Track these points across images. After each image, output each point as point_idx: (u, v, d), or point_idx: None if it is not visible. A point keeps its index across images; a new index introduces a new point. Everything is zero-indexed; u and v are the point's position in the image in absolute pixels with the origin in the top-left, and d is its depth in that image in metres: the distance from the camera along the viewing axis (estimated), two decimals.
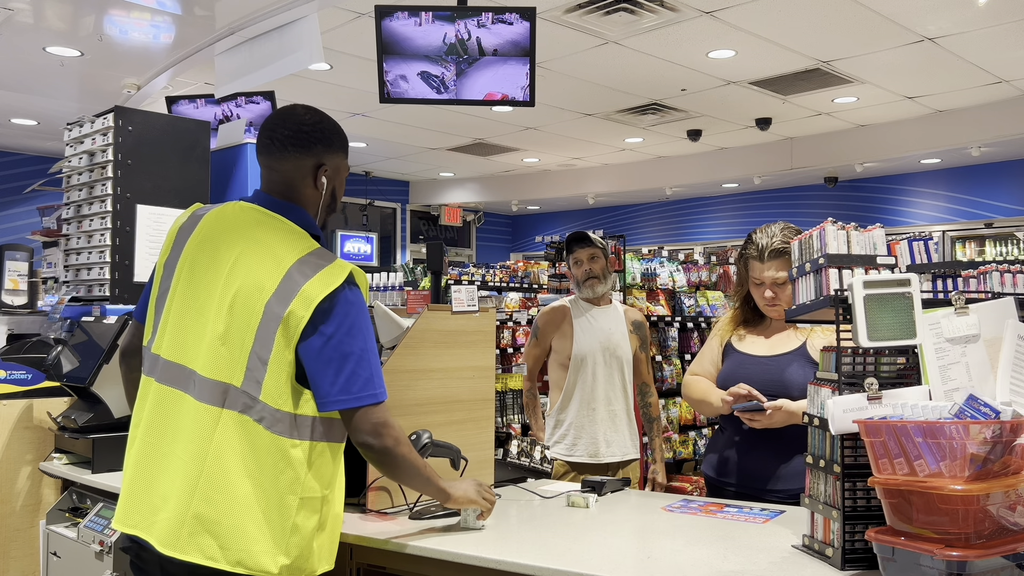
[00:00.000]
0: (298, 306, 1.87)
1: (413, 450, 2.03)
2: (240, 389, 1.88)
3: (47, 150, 9.46)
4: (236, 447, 1.87)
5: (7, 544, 3.23)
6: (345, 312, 1.90)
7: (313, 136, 2.04)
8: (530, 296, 7.54)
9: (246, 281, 1.91)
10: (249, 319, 1.89)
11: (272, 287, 1.89)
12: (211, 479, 1.86)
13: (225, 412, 1.88)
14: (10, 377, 3.32)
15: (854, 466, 1.85)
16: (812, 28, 6.23)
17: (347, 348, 1.89)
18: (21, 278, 4.30)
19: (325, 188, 2.06)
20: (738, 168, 10.70)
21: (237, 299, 1.91)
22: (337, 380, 1.88)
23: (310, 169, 2.04)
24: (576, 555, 2.03)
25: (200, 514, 1.85)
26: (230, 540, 1.84)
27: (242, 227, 2.00)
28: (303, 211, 2.04)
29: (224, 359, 1.90)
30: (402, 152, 10.91)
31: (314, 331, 1.88)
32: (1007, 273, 4.51)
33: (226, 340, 1.90)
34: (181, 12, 5.41)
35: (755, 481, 2.71)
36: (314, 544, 1.91)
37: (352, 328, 1.90)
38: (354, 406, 1.90)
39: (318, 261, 1.93)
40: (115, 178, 3.71)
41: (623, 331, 3.81)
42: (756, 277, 2.77)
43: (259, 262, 1.92)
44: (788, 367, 2.71)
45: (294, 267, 1.90)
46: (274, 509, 1.86)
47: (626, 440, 3.79)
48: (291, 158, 2.03)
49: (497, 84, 4.40)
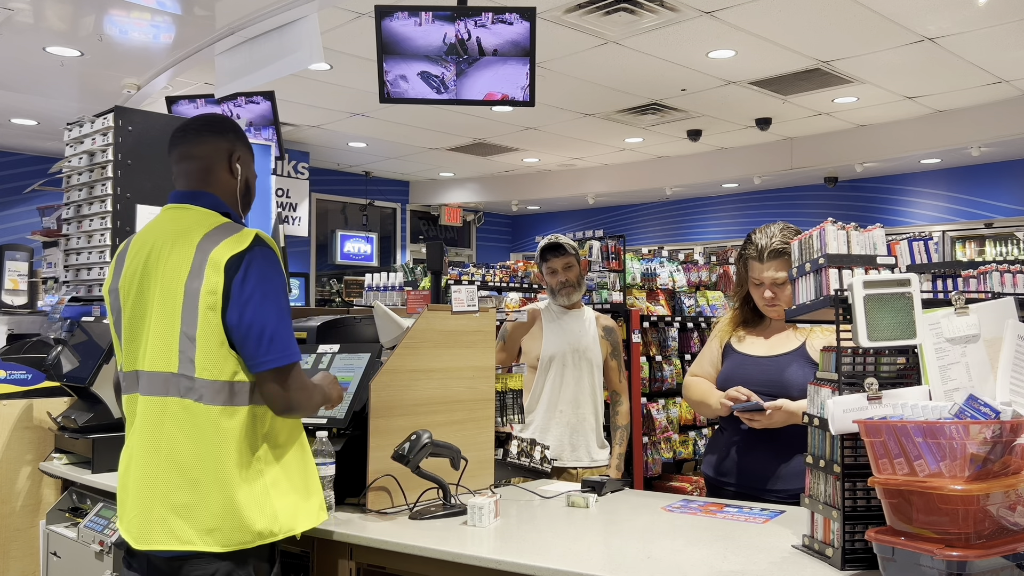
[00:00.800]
0: (211, 273, 1.96)
1: (315, 389, 2.10)
2: (178, 374, 1.97)
3: (47, 150, 9.45)
4: (185, 430, 1.95)
5: (7, 544, 3.23)
6: (260, 274, 1.98)
7: (225, 125, 2.19)
8: (530, 296, 7.53)
9: (166, 270, 2.02)
10: (173, 303, 1.99)
11: (187, 265, 1.99)
12: (169, 466, 1.94)
13: (169, 400, 1.97)
14: (10, 377, 3.32)
15: (854, 466, 1.85)
16: (812, 28, 6.23)
17: (267, 308, 1.97)
18: (21, 278, 4.30)
19: (240, 176, 2.16)
20: (738, 168, 10.69)
21: (162, 290, 2.02)
22: (261, 344, 1.96)
23: (225, 153, 2.15)
24: (576, 555, 2.03)
25: (166, 502, 1.92)
26: (201, 520, 1.91)
27: (161, 228, 2.11)
28: (212, 195, 2.13)
29: (160, 350, 2.00)
30: (402, 152, 10.90)
31: (231, 296, 1.96)
32: (1007, 273, 4.50)
33: (159, 332, 2.00)
34: (181, 12, 5.41)
35: (755, 481, 2.71)
36: (281, 503, 1.99)
37: (268, 290, 1.98)
38: (278, 366, 1.97)
39: (225, 231, 2.03)
40: (115, 178, 3.71)
41: (593, 335, 3.76)
42: (755, 277, 2.77)
43: (174, 249, 2.03)
44: (787, 367, 2.71)
45: (202, 241, 2.00)
46: (236, 481, 1.93)
47: (592, 445, 3.69)
48: (208, 141, 2.14)
49: (497, 84, 4.40)
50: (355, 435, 2.48)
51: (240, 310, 1.95)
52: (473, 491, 2.55)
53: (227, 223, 2.07)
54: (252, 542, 1.94)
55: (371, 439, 2.42)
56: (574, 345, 3.70)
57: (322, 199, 11.89)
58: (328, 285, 12.05)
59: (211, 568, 1.93)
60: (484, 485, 2.70)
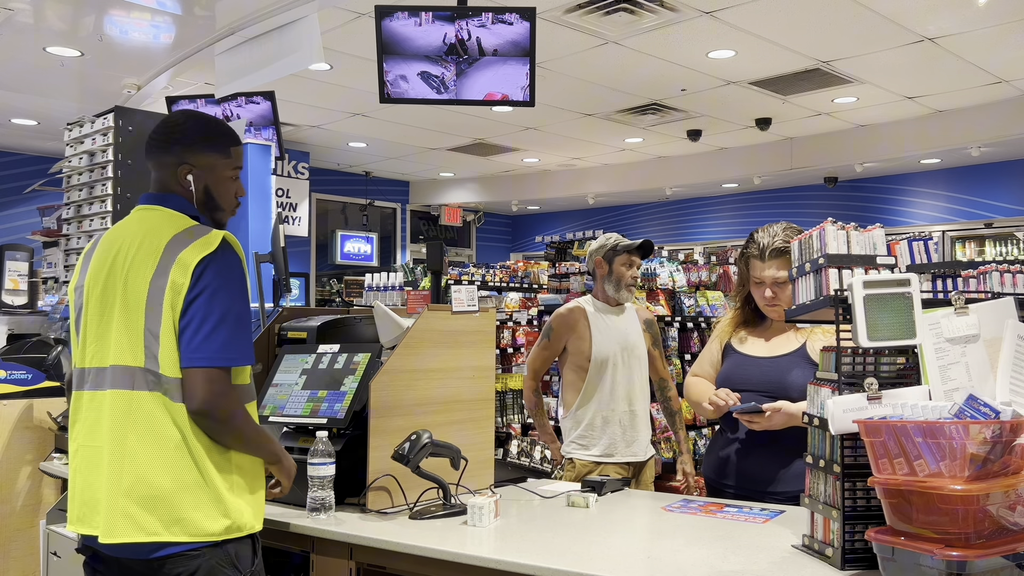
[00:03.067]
0: (177, 273, 1.95)
1: (249, 420, 2.04)
2: (144, 369, 1.97)
3: (47, 150, 9.45)
4: (152, 424, 1.95)
5: (7, 544, 3.23)
6: (216, 272, 1.97)
7: (172, 137, 2.13)
8: (530, 296, 7.54)
9: (132, 268, 2.01)
10: (138, 300, 1.99)
11: (153, 264, 1.99)
12: (134, 458, 1.94)
13: (135, 394, 1.97)
14: (10, 377, 3.32)
15: (854, 466, 1.85)
16: (812, 28, 6.23)
17: (210, 308, 1.95)
18: (21, 278, 4.30)
19: (194, 186, 2.13)
20: (738, 168, 10.69)
21: (127, 288, 2.01)
22: (195, 338, 1.94)
23: (171, 167, 2.12)
24: (576, 555, 2.03)
25: (132, 495, 1.92)
26: (167, 512, 1.92)
27: (128, 228, 2.11)
28: (180, 199, 2.13)
29: (126, 345, 1.99)
30: (402, 152, 10.90)
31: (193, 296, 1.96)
32: (1007, 273, 4.50)
33: (125, 328, 2.00)
34: (181, 12, 5.41)
35: (754, 483, 2.71)
36: (243, 501, 2.00)
37: (220, 289, 1.97)
38: (199, 365, 1.93)
39: (193, 233, 2.03)
40: (115, 178, 3.71)
41: (638, 330, 3.84)
42: (757, 276, 2.77)
43: (141, 247, 2.03)
44: (787, 368, 2.71)
45: (170, 242, 2.00)
46: (199, 475, 1.94)
47: (645, 439, 3.83)
48: (153, 157, 2.14)
49: (497, 84, 4.39)
50: (355, 435, 2.48)
51: (186, 305, 1.95)
52: (473, 491, 2.55)
53: (195, 226, 2.07)
54: (220, 535, 1.95)
55: (371, 439, 2.42)
56: (623, 344, 3.76)
57: (322, 199, 11.89)
58: (328, 285, 12.05)
59: (192, 565, 1.92)
60: (484, 485, 2.70)
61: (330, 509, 2.34)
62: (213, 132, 2.19)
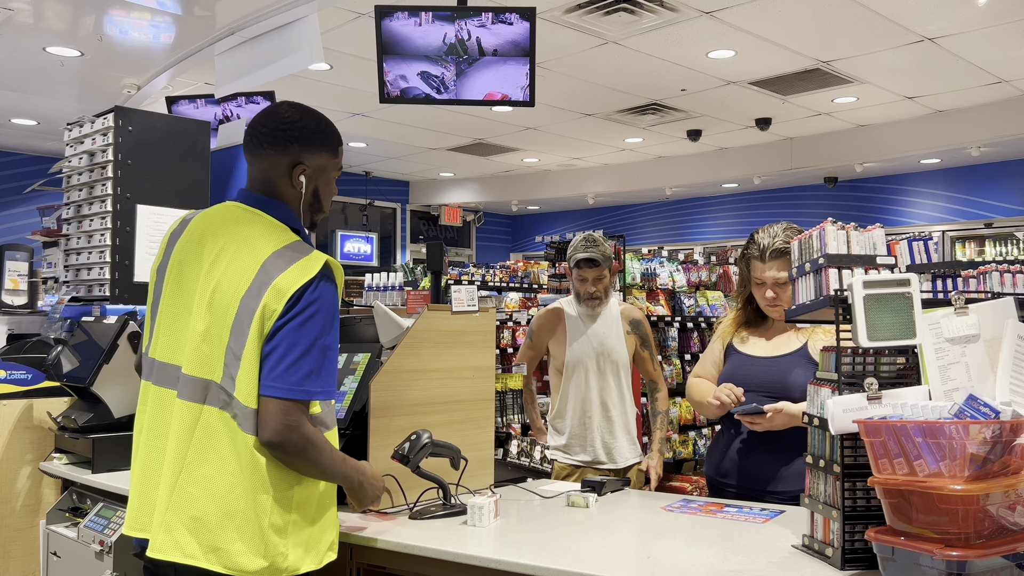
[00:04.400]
0: (271, 299, 1.85)
1: (324, 451, 1.92)
2: (219, 385, 1.87)
3: (47, 150, 9.45)
4: (215, 444, 1.86)
5: (7, 544, 3.23)
6: (310, 300, 1.86)
7: (290, 134, 2.01)
8: (530, 296, 7.54)
9: (224, 276, 1.90)
10: (226, 314, 1.88)
11: (248, 281, 1.88)
12: (190, 476, 1.86)
13: (206, 408, 1.88)
14: (10, 377, 3.32)
15: (854, 466, 1.85)
16: (812, 28, 6.23)
17: (297, 337, 1.85)
18: (21, 278, 4.30)
19: (305, 187, 2.03)
20: (738, 168, 10.69)
21: (216, 295, 1.90)
22: (277, 367, 1.84)
23: (286, 167, 2.02)
24: (576, 555, 2.03)
25: (180, 512, 1.86)
26: (208, 538, 1.84)
27: (224, 224, 2.00)
28: (284, 206, 2.03)
29: (205, 356, 1.89)
30: (402, 152, 10.90)
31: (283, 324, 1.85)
32: (1007, 273, 4.51)
33: (207, 337, 1.90)
34: (181, 12, 5.41)
35: (756, 482, 2.71)
36: (293, 542, 1.89)
37: (310, 318, 1.86)
38: (280, 396, 1.83)
39: (293, 254, 1.91)
40: (115, 178, 3.71)
41: (619, 333, 3.69)
42: (758, 277, 2.77)
43: (237, 257, 1.92)
44: (789, 368, 2.71)
45: (269, 260, 1.89)
46: (250, 508, 1.85)
47: (624, 446, 3.70)
48: (267, 156, 2.02)
49: (497, 84, 4.40)
50: (355, 435, 2.48)
51: (274, 330, 1.85)
52: (473, 491, 2.55)
53: (297, 242, 1.96)
54: (256, 574, 1.85)
55: (371, 439, 2.42)
56: (598, 349, 3.64)
57: None
58: None
59: None
60: (484, 485, 2.70)
61: None
62: (328, 130, 2.08)
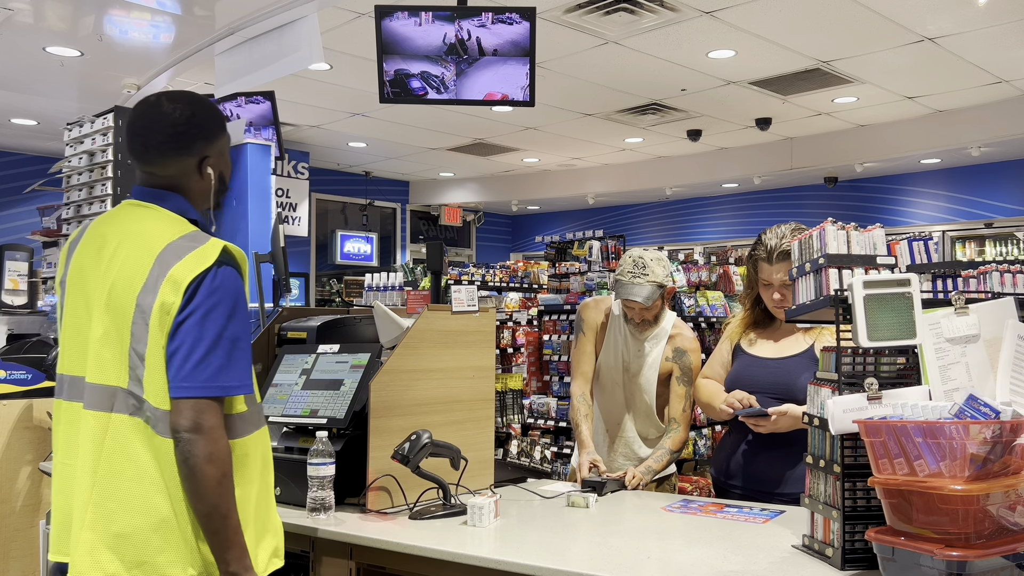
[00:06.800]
0: (168, 292, 1.75)
1: (229, 488, 1.74)
2: (126, 390, 1.76)
3: (47, 150, 9.45)
4: (129, 453, 1.74)
5: (7, 544, 3.23)
6: (210, 290, 1.76)
7: (190, 134, 1.90)
8: (530, 296, 7.54)
9: (120, 274, 1.80)
10: (123, 314, 1.78)
11: (143, 276, 1.78)
12: (105, 491, 1.74)
13: (114, 417, 1.76)
14: (10, 377, 3.32)
15: (854, 466, 1.85)
16: (812, 28, 6.23)
17: (202, 331, 1.74)
18: (21, 278, 4.30)
19: (213, 177, 1.94)
20: (738, 168, 10.69)
21: (112, 295, 1.80)
22: (184, 365, 1.72)
23: (194, 167, 1.92)
24: (576, 555, 2.03)
25: (97, 529, 1.73)
26: (132, 553, 1.72)
27: (119, 222, 1.91)
28: (180, 198, 1.92)
29: (107, 361, 1.78)
30: (402, 152, 10.90)
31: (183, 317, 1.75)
32: (1007, 273, 4.51)
33: (105, 340, 1.79)
34: (181, 12, 5.41)
35: (762, 484, 2.71)
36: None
37: (213, 309, 1.75)
38: (193, 396, 1.72)
39: (189, 243, 1.81)
40: (115, 178, 3.71)
41: (655, 358, 3.18)
42: (765, 278, 2.77)
43: (131, 253, 1.82)
44: (795, 369, 2.70)
45: (163, 252, 1.79)
46: (175, 516, 1.73)
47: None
48: (172, 162, 1.90)
49: (497, 84, 4.39)
50: (355, 435, 2.48)
51: (175, 327, 1.73)
52: (473, 491, 2.55)
53: (194, 232, 1.86)
54: None
55: (371, 439, 2.42)
56: (626, 365, 3.21)
57: (322, 199, 11.89)
58: (328, 285, 12.05)
59: None
60: (484, 485, 2.70)
61: (330, 509, 2.34)
62: (215, 111, 1.98)
